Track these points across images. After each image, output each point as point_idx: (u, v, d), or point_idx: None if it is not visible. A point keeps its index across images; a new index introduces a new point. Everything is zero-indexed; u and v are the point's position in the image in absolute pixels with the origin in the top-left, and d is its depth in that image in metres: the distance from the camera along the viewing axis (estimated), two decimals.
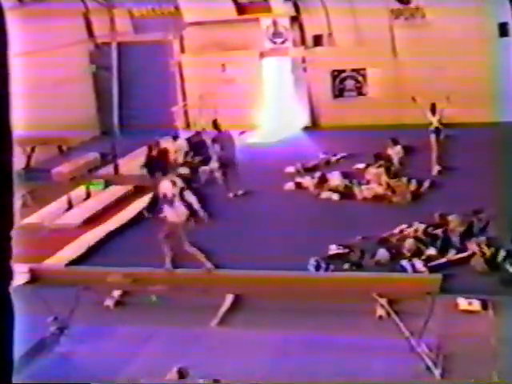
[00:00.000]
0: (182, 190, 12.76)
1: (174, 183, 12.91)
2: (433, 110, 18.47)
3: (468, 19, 21.71)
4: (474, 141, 19.34)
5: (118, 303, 12.56)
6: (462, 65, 21.73)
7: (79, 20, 24.77)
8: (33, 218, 16.97)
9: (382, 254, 13.37)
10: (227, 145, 18.66)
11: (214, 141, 18.54)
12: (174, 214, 12.70)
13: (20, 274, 13.33)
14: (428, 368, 9.77)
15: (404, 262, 12.93)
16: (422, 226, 14.23)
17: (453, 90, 19.10)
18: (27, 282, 13.12)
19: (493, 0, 22.32)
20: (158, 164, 19.07)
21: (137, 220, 16.62)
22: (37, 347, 10.80)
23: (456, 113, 19.54)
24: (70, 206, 18.06)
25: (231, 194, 17.76)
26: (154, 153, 19.90)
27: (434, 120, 18.50)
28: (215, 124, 19.18)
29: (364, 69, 24.32)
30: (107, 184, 19.03)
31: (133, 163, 20.29)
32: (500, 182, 15.84)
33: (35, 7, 19.95)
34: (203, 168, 19.09)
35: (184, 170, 20.19)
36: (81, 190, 18.84)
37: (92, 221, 16.81)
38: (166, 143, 21.41)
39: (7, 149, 2.51)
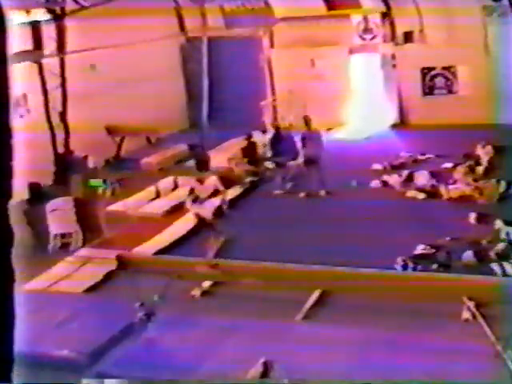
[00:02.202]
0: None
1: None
2: None
3: None
4: None
5: (204, 293, 12.66)
6: None
7: (171, 16, 25.21)
8: (117, 206, 17.36)
9: (468, 256, 13.10)
10: (315, 141, 18.64)
11: (303, 137, 18.60)
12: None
13: (107, 259, 13.71)
14: None
15: (494, 265, 12.64)
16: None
17: None
18: (117, 268, 13.47)
19: None
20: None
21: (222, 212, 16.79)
22: (124, 331, 11.05)
23: None
24: (158, 195, 18.45)
25: (318, 190, 17.72)
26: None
27: None
28: (306, 120, 19.21)
29: (454, 66, 23.88)
30: None
31: (220, 156, 20.51)
32: None
33: (127, 5, 20.30)
34: (290, 163, 19.14)
35: (270, 164, 20.34)
36: (168, 181, 19.18)
37: (176, 211, 17.07)
38: (255, 137, 21.61)
39: (7, 154, 2.35)
